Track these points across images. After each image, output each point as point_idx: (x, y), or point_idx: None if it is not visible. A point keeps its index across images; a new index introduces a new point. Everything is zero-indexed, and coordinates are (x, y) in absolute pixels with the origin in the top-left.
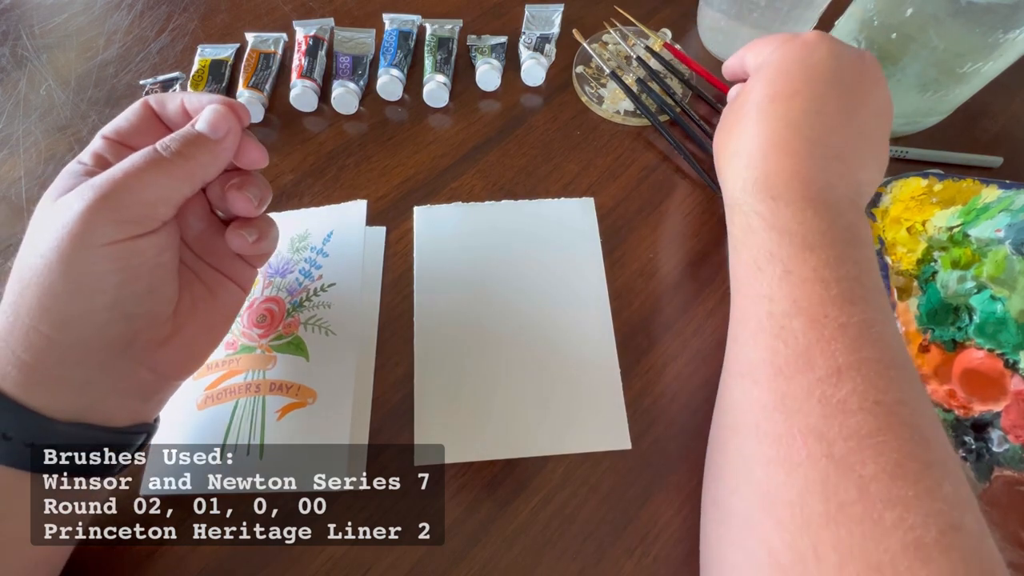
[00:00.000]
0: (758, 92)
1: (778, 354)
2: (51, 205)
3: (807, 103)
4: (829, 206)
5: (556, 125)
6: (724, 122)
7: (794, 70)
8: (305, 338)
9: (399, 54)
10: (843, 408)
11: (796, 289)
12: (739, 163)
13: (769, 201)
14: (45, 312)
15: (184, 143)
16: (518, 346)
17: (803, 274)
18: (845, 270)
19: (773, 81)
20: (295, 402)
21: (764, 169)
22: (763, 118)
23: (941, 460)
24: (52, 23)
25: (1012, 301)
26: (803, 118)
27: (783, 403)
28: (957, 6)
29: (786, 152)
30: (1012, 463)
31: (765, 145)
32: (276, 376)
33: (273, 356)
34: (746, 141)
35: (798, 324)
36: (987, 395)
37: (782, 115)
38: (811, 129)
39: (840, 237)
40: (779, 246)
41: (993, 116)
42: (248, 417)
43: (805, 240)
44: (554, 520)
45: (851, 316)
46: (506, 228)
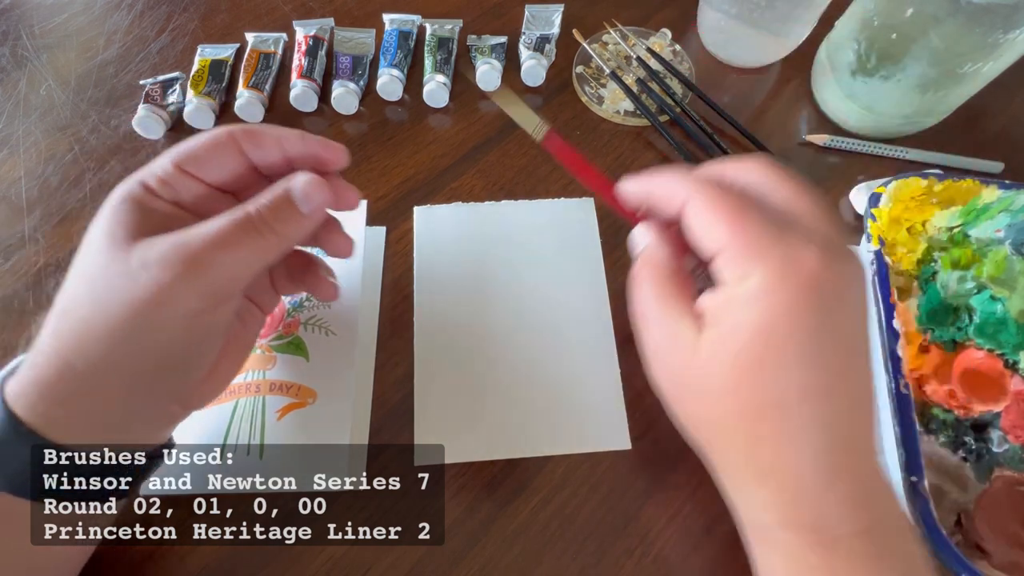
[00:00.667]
0: (776, 381)
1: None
2: (122, 251)
3: (847, 396)
4: (888, 526)
5: (556, 125)
6: (696, 408)
7: (814, 341)
8: (305, 338)
9: (399, 54)
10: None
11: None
12: (772, 489)
13: (825, 548)
14: (109, 368)
15: (276, 212)
16: (518, 346)
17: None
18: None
19: (794, 365)
20: (295, 402)
21: (818, 508)
22: (801, 427)
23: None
24: (52, 23)
25: (1012, 301)
26: (848, 419)
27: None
28: (957, 6)
29: (840, 478)
30: (1012, 463)
31: (810, 472)
32: (276, 376)
33: (273, 356)
34: (775, 458)
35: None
36: (987, 395)
37: (818, 423)
38: (853, 430)
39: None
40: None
41: (993, 116)
42: (248, 417)
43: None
44: (554, 520)
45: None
46: (506, 228)
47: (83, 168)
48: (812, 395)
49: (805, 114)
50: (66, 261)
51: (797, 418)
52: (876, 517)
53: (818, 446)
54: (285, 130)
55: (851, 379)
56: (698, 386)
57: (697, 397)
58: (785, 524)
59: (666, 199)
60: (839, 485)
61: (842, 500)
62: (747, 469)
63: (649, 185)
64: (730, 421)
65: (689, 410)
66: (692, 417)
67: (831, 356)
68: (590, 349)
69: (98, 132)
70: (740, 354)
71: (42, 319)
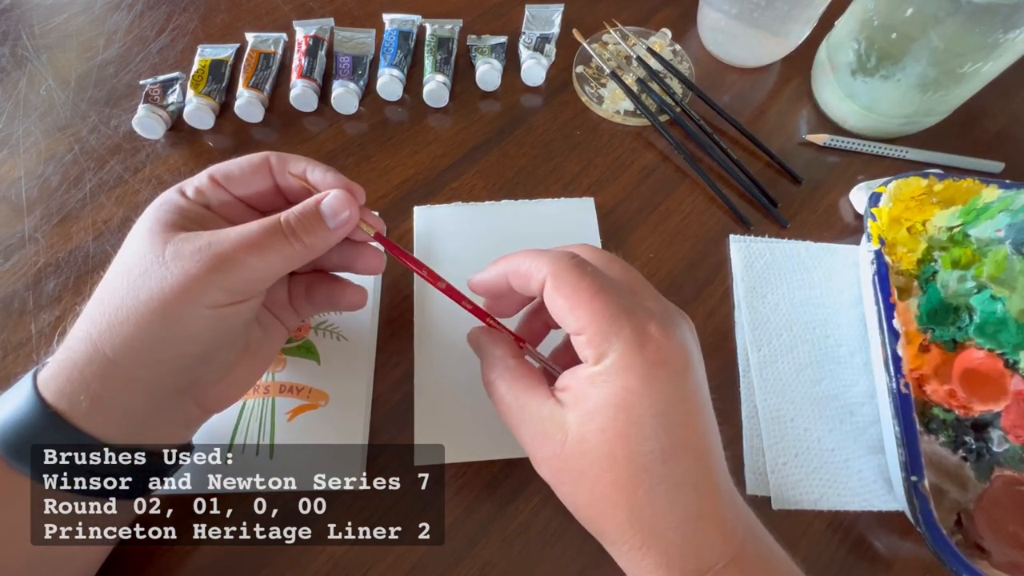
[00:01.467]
0: (640, 449)
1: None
2: (158, 244)
3: (700, 447)
4: (752, 545)
5: (556, 125)
6: (576, 490)
7: (667, 408)
8: (316, 342)
9: (399, 54)
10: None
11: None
12: (657, 551)
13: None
14: (134, 353)
15: (304, 225)
16: None
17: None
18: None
19: (656, 432)
20: (306, 404)
21: (697, 554)
22: (670, 487)
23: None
24: (52, 23)
25: (1012, 301)
26: (703, 466)
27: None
28: (957, 6)
29: (709, 521)
30: (1012, 463)
31: (686, 524)
32: (286, 378)
33: (283, 359)
34: (654, 520)
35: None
36: (987, 395)
37: (683, 478)
38: (710, 475)
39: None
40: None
41: (993, 116)
42: (257, 418)
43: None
44: (554, 520)
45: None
46: (506, 228)
47: (83, 168)
48: (672, 455)
49: (805, 114)
50: (66, 261)
51: (666, 478)
52: (739, 544)
53: (686, 499)
54: (313, 163)
55: (700, 431)
56: (575, 467)
57: (576, 479)
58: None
59: (525, 278)
60: (710, 526)
61: (714, 540)
62: (632, 538)
63: (507, 266)
64: (610, 495)
65: (572, 492)
66: (576, 499)
67: (683, 416)
68: None
69: (98, 132)
70: (606, 430)
71: (42, 319)
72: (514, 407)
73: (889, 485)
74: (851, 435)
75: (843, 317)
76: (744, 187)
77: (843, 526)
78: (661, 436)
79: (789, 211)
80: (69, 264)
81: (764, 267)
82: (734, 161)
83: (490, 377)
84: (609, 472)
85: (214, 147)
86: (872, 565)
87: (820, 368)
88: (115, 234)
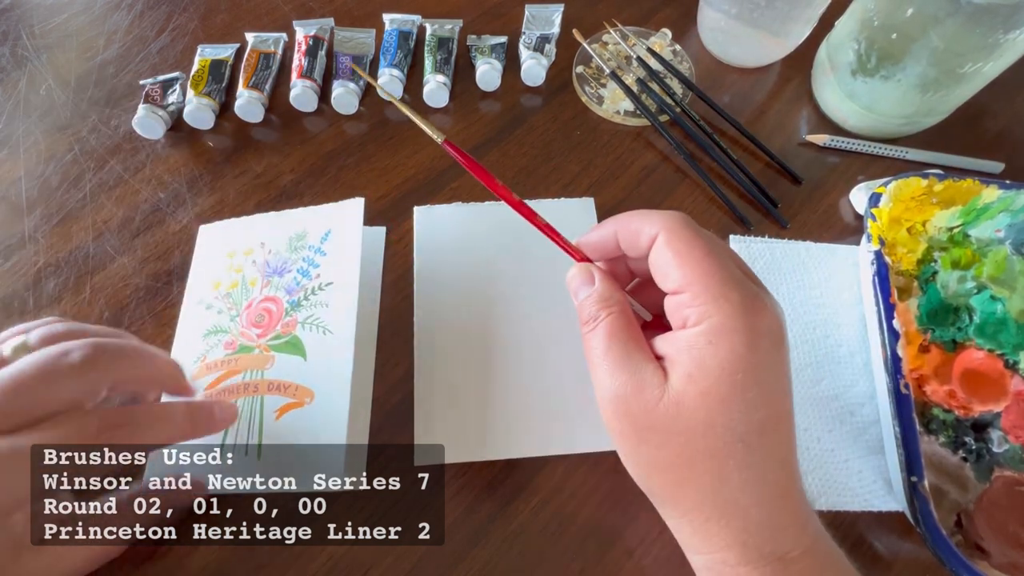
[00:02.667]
0: (740, 417)
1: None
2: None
3: (788, 428)
4: (823, 542)
5: (556, 125)
6: (659, 452)
7: (769, 378)
8: (303, 337)
9: (399, 54)
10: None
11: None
12: (735, 526)
13: (778, 567)
14: None
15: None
16: (518, 346)
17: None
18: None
19: (756, 401)
20: (293, 402)
21: (775, 535)
22: (761, 460)
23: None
24: (52, 23)
25: (1012, 301)
26: (789, 448)
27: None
28: (957, 6)
29: (789, 503)
30: (1012, 463)
31: (769, 501)
32: (274, 376)
33: (271, 356)
34: (740, 493)
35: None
36: (987, 395)
37: (773, 454)
38: (792, 457)
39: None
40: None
41: (993, 116)
42: (247, 417)
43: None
44: (554, 520)
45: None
46: (506, 228)
47: (83, 168)
48: (768, 429)
49: (805, 114)
50: (66, 261)
51: (758, 451)
52: (812, 535)
53: (774, 476)
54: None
55: (790, 412)
56: (666, 427)
57: (664, 440)
58: (746, 560)
59: (635, 233)
60: (790, 509)
61: (792, 523)
62: (711, 509)
63: (617, 223)
64: (699, 462)
65: (654, 454)
66: (656, 462)
67: (778, 393)
68: None
69: (98, 132)
70: (708, 393)
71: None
72: (617, 352)
73: (889, 485)
74: (851, 435)
75: (843, 317)
76: (744, 187)
77: (843, 526)
78: (761, 408)
79: (789, 211)
80: (69, 264)
81: (764, 267)
82: (734, 161)
83: (601, 312)
84: (704, 439)
85: (214, 147)
86: (872, 565)
87: (820, 368)
88: (115, 234)
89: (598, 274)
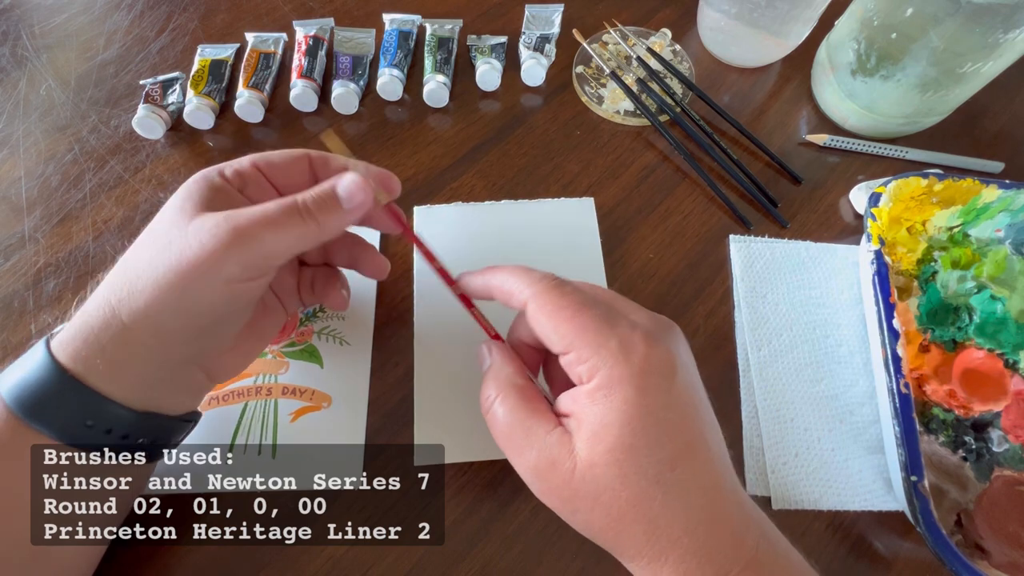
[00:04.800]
0: (649, 459)
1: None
2: (185, 218)
3: (704, 449)
4: (765, 546)
5: (556, 125)
6: (592, 515)
7: (666, 413)
8: (319, 347)
9: (399, 54)
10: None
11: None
12: (675, 560)
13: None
14: (148, 321)
15: (319, 205)
16: None
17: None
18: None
19: (660, 439)
20: (309, 406)
21: (715, 559)
22: (681, 493)
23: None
24: (52, 23)
25: (1012, 301)
26: (712, 468)
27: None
28: (957, 6)
29: (723, 523)
30: (1012, 463)
31: (701, 528)
32: (288, 380)
33: (285, 362)
34: (670, 529)
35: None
36: (987, 395)
37: (692, 481)
38: (719, 475)
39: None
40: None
41: (993, 116)
42: (259, 419)
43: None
44: (554, 520)
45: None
46: (506, 228)
47: (83, 168)
48: (680, 461)
49: (805, 114)
50: (66, 261)
51: (675, 486)
52: (752, 547)
53: (699, 502)
54: (352, 161)
55: (702, 433)
56: (588, 493)
57: (591, 505)
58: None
59: (507, 295)
60: (722, 531)
61: (726, 544)
62: (651, 551)
63: (491, 281)
64: (627, 513)
65: (587, 519)
66: (592, 524)
67: (681, 420)
68: None
69: (98, 132)
70: (615, 448)
71: (42, 319)
72: (518, 432)
73: (889, 485)
74: (851, 435)
75: (843, 317)
76: (744, 187)
77: (843, 526)
78: (665, 443)
79: (789, 211)
80: (69, 264)
81: (764, 267)
82: (734, 161)
83: (492, 395)
84: (623, 491)
85: (214, 147)
86: (872, 565)
87: (820, 368)
88: (115, 234)
89: (493, 350)
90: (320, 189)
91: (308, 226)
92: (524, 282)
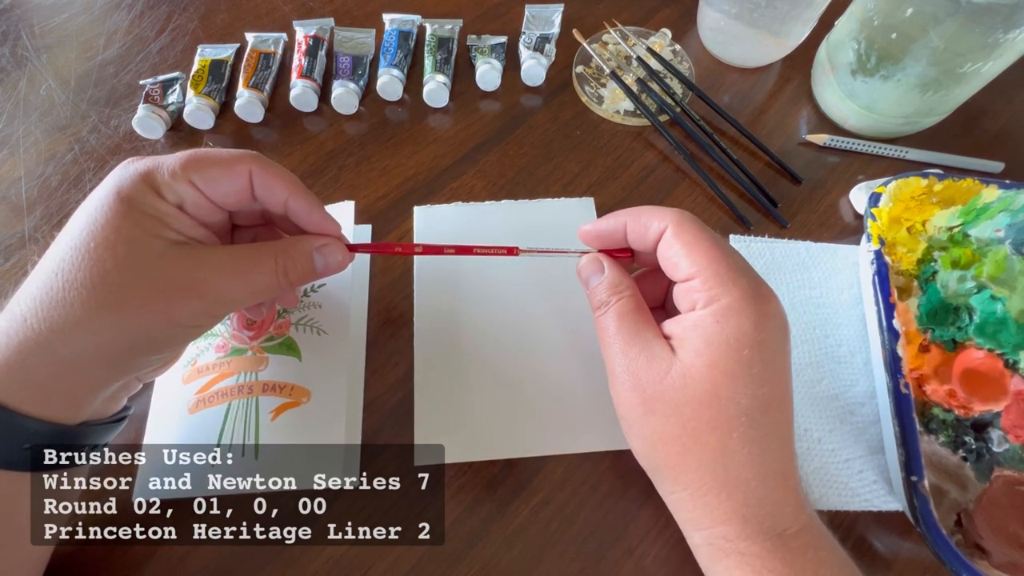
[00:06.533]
0: (745, 391)
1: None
2: (139, 256)
3: (789, 408)
4: (815, 520)
5: (556, 125)
6: (666, 422)
7: (774, 358)
8: (297, 338)
9: (399, 54)
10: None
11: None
12: (735, 500)
13: (780, 551)
14: (82, 347)
15: (296, 272)
16: (518, 346)
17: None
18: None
19: (761, 377)
20: (289, 402)
21: (775, 511)
22: (763, 436)
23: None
24: (52, 23)
25: (1012, 301)
26: (789, 428)
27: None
28: (957, 6)
29: (789, 481)
30: (1012, 463)
31: (770, 476)
32: (268, 377)
33: (265, 357)
34: (741, 467)
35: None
36: (987, 395)
37: (775, 431)
38: (790, 436)
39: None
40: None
41: (993, 116)
42: (242, 419)
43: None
44: (554, 520)
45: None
46: (506, 228)
47: (83, 168)
48: (771, 407)
49: (805, 114)
50: None
51: (761, 427)
52: (808, 514)
53: (775, 454)
54: (294, 190)
55: (791, 396)
56: (672, 399)
57: (671, 411)
58: (746, 534)
59: (644, 227)
60: (789, 487)
61: (790, 501)
62: (712, 481)
63: (628, 215)
64: (702, 434)
65: (660, 424)
66: (662, 433)
67: (781, 373)
68: (590, 348)
69: (98, 132)
70: (715, 366)
71: None
72: (628, 329)
73: (889, 485)
74: (851, 435)
75: (843, 317)
76: (744, 187)
77: (843, 526)
78: (766, 384)
79: (789, 211)
80: None
81: (764, 267)
82: (734, 161)
83: (612, 298)
84: (709, 410)
85: (214, 147)
86: (872, 565)
87: (820, 368)
88: None
89: (607, 262)
90: (299, 255)
91: (277, 284)
92: (665, 213)
